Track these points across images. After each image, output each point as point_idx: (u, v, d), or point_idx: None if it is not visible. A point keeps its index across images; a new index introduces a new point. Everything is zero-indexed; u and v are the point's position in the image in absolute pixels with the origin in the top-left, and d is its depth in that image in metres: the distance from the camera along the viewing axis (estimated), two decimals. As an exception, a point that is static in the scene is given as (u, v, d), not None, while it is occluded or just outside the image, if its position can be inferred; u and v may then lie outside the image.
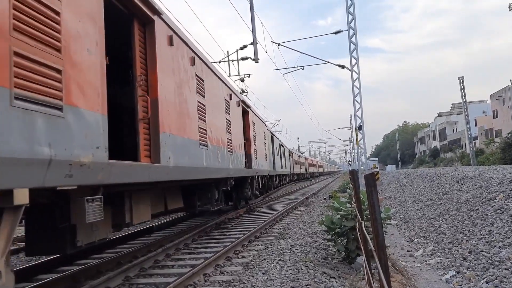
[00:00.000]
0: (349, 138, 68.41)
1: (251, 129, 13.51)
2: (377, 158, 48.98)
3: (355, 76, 20.20)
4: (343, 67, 21.67)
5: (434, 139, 73.16)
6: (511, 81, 42.93)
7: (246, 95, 22.55)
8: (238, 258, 6.55)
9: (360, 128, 20.33)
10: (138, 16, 5.06)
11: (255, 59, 17.50)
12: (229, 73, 20.38)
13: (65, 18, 3.29)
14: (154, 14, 5.30)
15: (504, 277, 6.19)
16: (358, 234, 5.28)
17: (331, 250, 7.42)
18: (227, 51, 20.17)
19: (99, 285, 4.94)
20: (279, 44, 21.26)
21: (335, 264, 6.59)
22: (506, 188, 9.71)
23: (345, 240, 6.68)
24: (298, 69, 23.58)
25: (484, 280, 6.40)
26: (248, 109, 13.24)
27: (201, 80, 7.34)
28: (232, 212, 12.22)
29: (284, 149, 26.73)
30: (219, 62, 20.04)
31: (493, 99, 47.23)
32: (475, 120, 51.89)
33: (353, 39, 20.09)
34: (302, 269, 5.76)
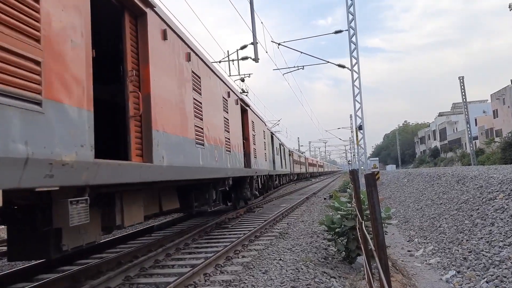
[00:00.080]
0: (349, 138, 68.47)
1: (250, 128, 13.28)
2: (378, 158, 48.96)
3: (355, 76, 20.21)
4: (343, 67, 21.66)
5: (435, 139, 73.13)
6: (512, 81, 42.98)
7: (247, 95, 22.55)
8: (239, 258, 6.55)
9: (361, 128, 20.32)
10: (129, 8, 4.84)
11: (255, 59, 17.50)
12: (229, 73, 20.41)
13: (45, 6, 3.07)
14: (147, 7, 5.07)
15: (505, 277, 6.19)
16: (359, 234, 5.28)
17: (332, 250, 7.42)
18: (227, 51, 20.20)
19: (100, 285, 4.94)
20: (279, 44, 21.26)
21: (336, 264, 6.59)
22: (507, 188, 9.70)
23: (346, 240, 6.68)
24: (298, 69, 23.60)
25: (485, 280, 6.40)
26: (247, 108, 13.04)
27: (198, 77, 7.13)
28: (232, 212, 12.22)
29: (284, 149, 26.63)
30: (219, 62, 20.06)
31: (494, 99, 47.22)
32: (476, 120, 51.87)
33: (353, 39, 20.08)
34: (303, 269, 5.76)
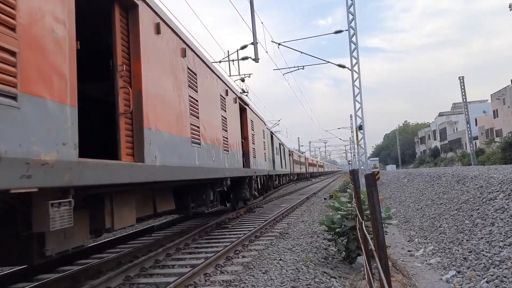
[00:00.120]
0: (350, 138, 68.45)
1: (249, 127, 13.05)
2: (378, 158, 49.01)
3: (356, 76, 20.21)
4: (344, 67, 21.66)
5: (435, 139, 73.12)
6: (512, 81, 42.95)
7: (247, 95, 22.55)
8: (239, 258, 6.55)
9: (361, 128, 20.31)
10: (120, 0, 4.60)
11: (256, 59, 17.49)
12: (230, 73, 20.42)
13: None
14: None
15: (505, 277, 6.18)
16: (359, 234, 5.28)
17: (332, 250, 7.42)
18: (228, 51, 20.20)
19: (100, 285, 4.94)
20: (280, 44, 21.26)
21: (336, 264, 6.59)
22: (507, 188, 9.70)
23: (346, 240, 6.68)
24: (299, 69, 23.60)
25: (485, 280, 6.40)
26: (246, 107, 12.82)
27: (194, 74, 6.90)
28: (232, 212, 12.22)
29: (284, 149, 26.55)
30: (220, 62, 20.06)
31: (494, 99, 47.21)
32: (476, 120, 51.86)
33: (354, 39, 20.08)
34: (303, 269, 5.76)
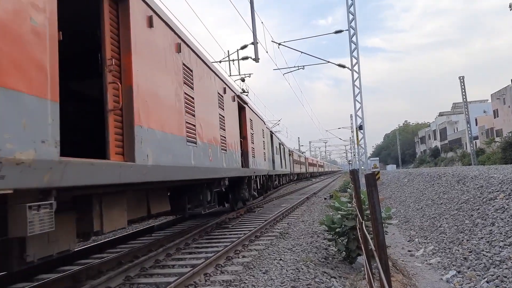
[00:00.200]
0: (350, 138, 68.46)
1: (248, 127, 12.82)
2: (378, 158, 48.97)
3: (356, 76, 20.20)
4: (344, 67, 21.65)
5: (435, 139, 73.11)
6: (512, 81, 42.91)
7: (247, 95, 22.53)
8: (239, 258, 6.55)
9: (361, 128, 20.31)
10: None
11: (256, 59, 17.48)
12: (230, 73, 20.40)
13: None
14: None
15: (505, 277, 6.18)
16: (359, 234, 5.28)
17: (332, 250, 7.42)
18: (228, 51, 20.18)
19: (100, 285, 4.94)
20: (280, 44, 21.25)
21: (336, 264, 6.59)
22: (507, 188, 9.69)
23: (346, 240, 6.68)
24: (299, 69, 23.56)
25: (485, 280, 6.40)
26: (245, 105, 12.59)
27: (189, 70, 6.68)
28: (232, 212, 12.21)
29: (284, 148, 26.46)
30: (220, 62, 20.05)
31: (494, 99, 47.20)
32: (476, 120, 51.85)
33: (354, 39, 20.07)
34: (303, 269, 5.76)
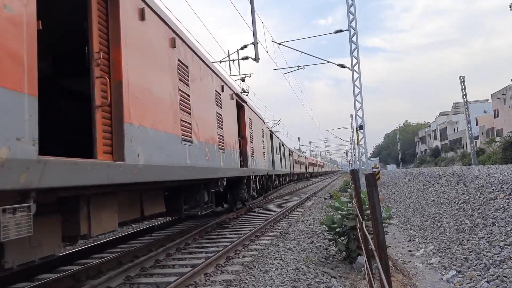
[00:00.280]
0: (350, 138, 68.46)
1: (247, 126, 12.58)
2: (378, 158, 48.97)
3: (356, 76, 20.19)
4: (344, 67, 21.64)
5: (435, 139, 73.10)
6: (512, 81, 42.91)
7: (247, 95, 22.53)
8: (239, 258, 6.55)
9: (361, 128, 20.30)
10: None
11: (256, 59, 17.47)
12: (230, 73, 20.39)
13: None
14: None
15: (505, 277, 6.18)
16: (359, 234, 5.28)
17: (332, 250, 7.42)
18: (228, 51, 20.16)
19: (100, 285, 4.94)
20: (280, 44, 21.26)
21: (336, 264, 6.59)
22: (507, 188, 9.69)
23: (346, 240, 6.68)
24: (299, 69, 23.55)
25: (485, 280, 6.40)
26: (244, 104, 12.36)
27: (185, 66, 6.45)
28: (232, 213, 12.21)
29: (284, 148, 26.38)
30: (220, 62, 20.04)
31: (494, 99, 47.19)
32: (476, 120, 51.84)
33: (354, 39, 20.07)
34: (303, 269, 5.76)
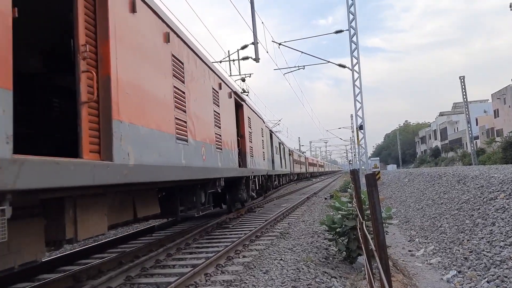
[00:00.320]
0: (350, 138, 68.44)
1: (246, 125, 12.30)
2: (378, 158, 48.98)
3: (356, 76, 20.19)
4: (344, 67, 21.63)
5: (435, 139, 73.10)
6: (513, 81, 42.93)
7: (247, 95, 22.54)
8: (239, 258, 6.56)
9: (361, 128, 20.30)
10: None
11: (256, 59, 17.47)
12: (230, 73, 20.40)
13: None
14: None
15: (506, 277, 6.18)
16: (359, 234, 5.28)
17: (332, 250, 7.42)
18: (228, 51, 20.17)
19: (101, 285, 4.95)
20: (280, 44, 21.26)
21: (336, 264, 6.59)
22: (508, 188, 9.69)
23: (346, 240, 6.68)
24: (299, 69, 23.57)
25: (486, 280, 6.40)
26: (243, 103, 12.06)
27: (180, 62, 6.24)
28: (231, 214, 12.19)
29: (284, 148, 26.32)
30: (220, 62, 20.05)
31: (494, 99, 47.18)
32: (476, 120, 51.84)
33: (354, 39, 20.06)
34: (303, 269, 5.76)
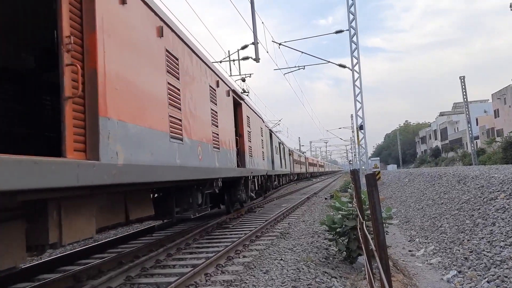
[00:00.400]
0: (350, 138, 68.43)
1: (245, 124, 12.08)
2: (379, 158, 48.97)
3: (356, 76, 20.19)
4: (344, 67, 21.63)
5: (436, 139, 73.09)
6: (513, 81, 42.92)
7: (247, 95, 22.55)
8: (240, 258, 6.56)
9: (361, 128, 20.31)
10: None
11: (256, 59, 17.48)
12: (230, 73, 20.41)
13: None
14: None
15: (506, 277, 6.18)
16: (359, 234, 5.29)
17: (332, 250, 7.42)
18: (228, 51, 20.19)
19: (101, 285, 4.95)
20: (280, 44, 21.26)
21: (336, 264, 6.59)
22: (508, 188, 9.68)
23: (346, 240, 6.68)
24: (299, 69, 23.59)
25: (486, 280, 6.40)
26: (242, 101, 11.84)
27: (174, 58, 6.04)
28: (229, 214, 12.17)
29: (284, 148, 26.26)
30: (220, 62, 20.06)
31: (495, 99, 47.17)
32: (477, 120, 51.83)
33: (354, 39, 20.07)
34: (304, 269, 5.76)
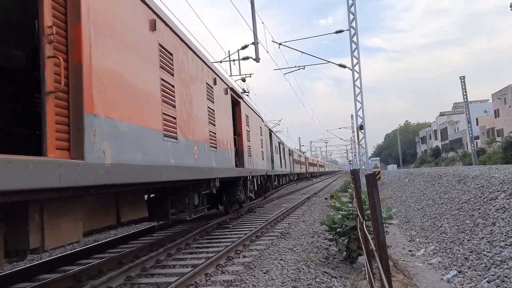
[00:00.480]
0: (351, 138, 68.44)
1: (244, 123, 11.90)
2: (379, 158, 49.01)
3: (356, 76, 20.20)
4: (344, 67, 21.64)
5: (436, 139, 73.10)
6: (513, 80, 42.89)
7: (248, 95, 22.55)
8: (240, 258, 6.56)
9: (362, 128, 20.31)
10: None
11: (256, 59, 17.48)
12: (231, 73, 20.42)
13: None
14: None
15: (506, 277, 6.18)
16: (359, 234, 5.29)
17: (333, 250, 7.42)
18: (228, 51, 20.19)
19: (101, 285, 4.95)
20: (280, 44, 21.27)
21: (337, 264, 6.59)
22: (508, 188, 9.68)
23: (347, 240, 6.69)
24: (299, 69, 23.59)
25: (486, 280, 6.40)
26: (240, 100, 11.71)
27: (168, 53, 5.80)
28: (230, 214, 12.18)
29: (284, 148, 26.22)
30: (220, 62, 20.06)
31: (495, 99, 47.17)
32: (477, 120, 51.83)
33: (354, 39, 20.07)
34: (304, 269, 5.76)
